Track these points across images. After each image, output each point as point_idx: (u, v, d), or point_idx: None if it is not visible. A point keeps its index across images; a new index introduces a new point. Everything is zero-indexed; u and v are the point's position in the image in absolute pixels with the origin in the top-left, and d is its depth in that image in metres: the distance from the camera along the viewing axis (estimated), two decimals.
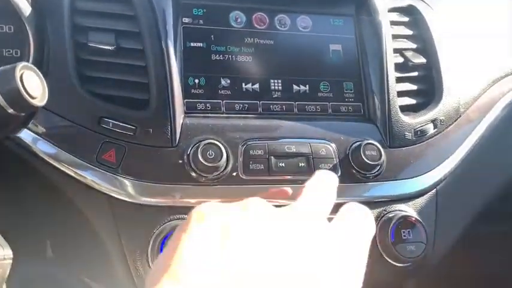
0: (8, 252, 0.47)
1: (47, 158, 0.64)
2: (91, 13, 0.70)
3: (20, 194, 0.68)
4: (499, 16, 1.02)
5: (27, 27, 0.67)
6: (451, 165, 0.78)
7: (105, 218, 0.63)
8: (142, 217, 0.62)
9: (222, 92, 0.71)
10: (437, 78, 0.82)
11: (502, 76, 0.93)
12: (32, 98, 0.44)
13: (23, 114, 0.45)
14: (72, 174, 0.63)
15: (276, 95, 0.74)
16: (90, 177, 0.63)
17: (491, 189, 0.84)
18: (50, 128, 0.64)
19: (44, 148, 0.64)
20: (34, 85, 0.44)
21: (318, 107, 0.75)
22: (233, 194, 0.65)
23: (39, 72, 0.46)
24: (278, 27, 0.77)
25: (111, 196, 0.63)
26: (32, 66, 0.46)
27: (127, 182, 0.63)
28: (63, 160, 0.63)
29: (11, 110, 0.43)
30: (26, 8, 0.67)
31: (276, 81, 0.74)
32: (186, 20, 0.72)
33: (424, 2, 0.92)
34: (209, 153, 0.63)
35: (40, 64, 0.67)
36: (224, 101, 0.71)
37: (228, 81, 0.72)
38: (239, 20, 0.75)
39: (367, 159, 0.69)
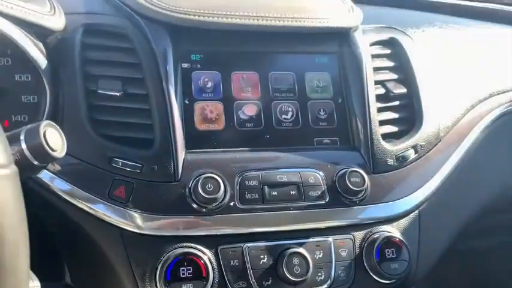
0: (36, 284, 0.54)
1: (63, 195, 0.71)
2: (99, 62, 0.78)
3: (40, 227, 0.75)
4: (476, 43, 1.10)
5: (43, 78, 0.75)
6: (432, 187, 0.85)
7: (117, 248, 0.70)
8: (150, 246, 0.70)
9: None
10: (417, 106, 0.89)
11: (481, 100, 0.99)
12: (53, 150, 0.51)
13: (46, 164, 0.53)
14: (86, 209, 0.71)
15: (269, 129, 0.81)
16: (103, 211, 0.70)
17: (471, 208, 0.91)
18: (65, 167, 0.72)
19: (60, 186, 0.71)
20: (55, 140, 0.52)
21: (307, 138, 0.82)
22: (231, 223, 0.72)
23: (59, 128, 0.54)
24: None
25: (122, 228, 0.70)
26: (53, 123, 0.53)
27: (135, 215, 0.70)
28: (78, 196, 0.71)
29: (36, 162, 0.51)
30: (42, 61, 0.75)
31: (268, 117, 0.82)
32: (185, 65, 0.80)
33: (405, 33, 1.00)
34: (208, 186, 0.70)
35: (56, 110, 0.75)
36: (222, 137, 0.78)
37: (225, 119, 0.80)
38: None
39: (352, 185, 0.76)
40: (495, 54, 1.10)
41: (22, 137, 0.50)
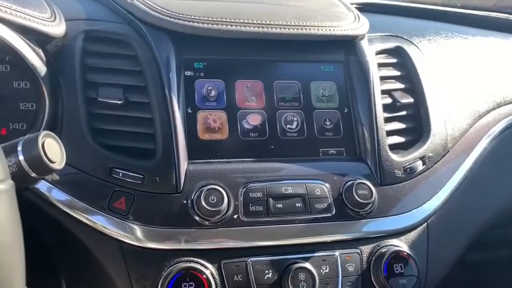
0: None
1: (61, 206, 0.69)
2: (100, 69, 0.76)
3: (38, 239, 0.73)
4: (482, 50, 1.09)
5: (43, 85, 0.73)
6: (441, 199, 0.82)
7: (117, 261, 0.68)
8: (151, 260, 0.67)
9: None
10: (425, 116, 0.87)
11: (488, 110, 0.98)
12: (52, 162, 0.49)
13: (44, 176, 0.51)
14: (85, 220, 0.68)
15: (274, 139, 0.79)
16: (102, 223, 0.68)
17: (481, 220, 0.89)
18: (64, 177, 0.69)
19: (58, 196, 0.69)
20: (54, 151, 0.50)
21: (312, 148, 0.80)
22: (235, 236, 0.70)
23: (58, 139, 0.52)
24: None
25: (122, 241, 0.68)
26: (52, 134, 0.51)
27: (136, 228, 0.68)
28: (76, 208, 0.69)
29: (33, 174, 0.49)
30: (41, 68, 0.73)
31: (273, 127, 0.79)
32: (188, 73, 0.78)
33: (411, 42, 0.98)
34: (211, 198, 0.68)
35: (55, 118, 0.73)
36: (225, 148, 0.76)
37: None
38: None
39: (359, 198, 0.74)
40: (502, 63, 1.09)
41: (20, 148, 0.48)
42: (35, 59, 0.72)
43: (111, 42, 0.78)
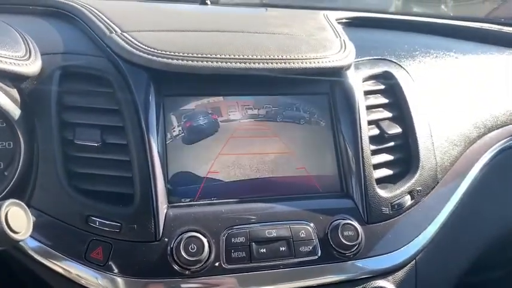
0: None
1: (35, 255, 0.67)
2: (77, 109, 0.73)
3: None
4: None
5: (17, 128, 0.71)
6: (429, 234, 0.80)
7: None
8: None
9: None
10: (413, 147, 0.85)
11: (479, 135, 0.95)
12: (16, 233, 0.47)
13: (7, 247, 0.48)
14: (61, 271, 0.66)
15: (256, 180, 0.76)
16: (78, 274, 0.66)
17: (471, 253, 0.87)
18: (38, 226, 0.67)
19: (32, 246, 0.67)
20: (19, 220, 0.48)
21: (295, 186, 0.78)
22: (217, 285, 0.68)
23: (25, 206, 0.50)
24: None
25: None
26: (18, 202, 0.49)
27: (114, 278, 0.66)
28: (51, 258, 0.67)
29: None
30: (14, 110, 0.70)
31: (255, 165, 0.77)
32: (168, 111, 0.75)
33: (400, 66, 0.96)
34: (191, 247, 0.66)
35: (31, 160, 0.70)
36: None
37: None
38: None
39: (345, 240, 0.72)
40: (494, 82, 1.07)
41: None
42: (7, 102, 0.69)
43: (88, 79, 0.75)
